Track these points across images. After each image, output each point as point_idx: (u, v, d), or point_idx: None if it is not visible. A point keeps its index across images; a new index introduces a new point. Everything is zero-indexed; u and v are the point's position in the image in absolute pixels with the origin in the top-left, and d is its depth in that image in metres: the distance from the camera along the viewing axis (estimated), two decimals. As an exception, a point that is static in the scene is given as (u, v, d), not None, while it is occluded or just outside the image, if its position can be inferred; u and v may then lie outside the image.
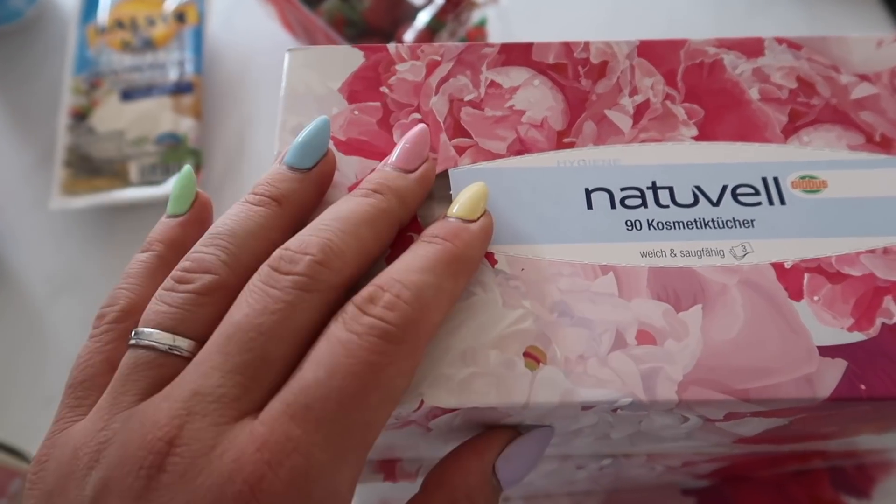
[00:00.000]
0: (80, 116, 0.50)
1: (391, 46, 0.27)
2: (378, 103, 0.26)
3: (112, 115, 0.50)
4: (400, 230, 0.22)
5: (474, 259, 0.21)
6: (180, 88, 0.51)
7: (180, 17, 0.54)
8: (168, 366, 0.18)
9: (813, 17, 0.58)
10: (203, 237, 0.20)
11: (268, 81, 0.55)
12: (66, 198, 0.47)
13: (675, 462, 0.29)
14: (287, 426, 0.17)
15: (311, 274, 0.18)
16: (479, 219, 0.21)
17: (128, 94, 0.51)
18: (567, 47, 0.27)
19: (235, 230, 0.20)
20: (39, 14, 0.57)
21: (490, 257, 0.23)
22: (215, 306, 0.19)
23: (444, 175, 0.24)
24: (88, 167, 0.48)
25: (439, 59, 0.26)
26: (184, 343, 0.19)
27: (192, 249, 0.20)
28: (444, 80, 0.26)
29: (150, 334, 0.19)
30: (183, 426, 0.17)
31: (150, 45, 0.53)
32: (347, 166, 0.24)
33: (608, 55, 0.27)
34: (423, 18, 0.47)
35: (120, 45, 0.53)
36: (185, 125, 0.50)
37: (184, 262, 0.20)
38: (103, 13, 0.54)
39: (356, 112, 0.25)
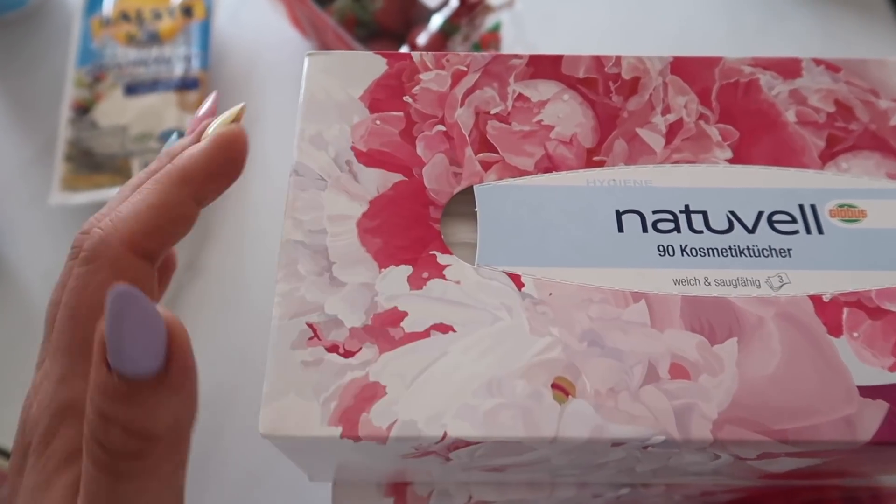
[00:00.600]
0: (83, 110, 0.49)
1: (415, 54, 0.26)
2: (401, 113, 0.25)
3: (115, 110, 0.49)
4: None
5: (195, 171, 0.23)
6: (186, 84, 0.50)
7: (187, 10, 0.53)
8: None
9: (826, 33, 0.57)
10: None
11: (275, 78, 0.54)
12: (66, 193, 0.46)
13: (694, 491, 0.28)
14: (45, 362, 0.21)
15: (76, 248, 0.22)
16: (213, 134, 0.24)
17: (132, 89, 0.50)
18: (598, 61, 0.26)
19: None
20: (43, 2, 0.56)
21: (517, 280, 0.22)
22: None
23: (469, 191, 0.23)
24: (90, 162, 0.47)
25: (465, 69, 0.26)
26: None
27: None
28: (470, 92, 0.25)
29: None
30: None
31: (155, 38, 0.52)
32: (369, 179, 0.23)
33: (640, 71, 0.26)
34: (436, 21, 0.46)
35: (125, 38, 0.52)
36: (189, 121, 0.49)
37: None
38: (108, 5, 0.53)
39: (378, 122, 0.24)
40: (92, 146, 0.48)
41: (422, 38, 0.46)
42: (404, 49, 0.46)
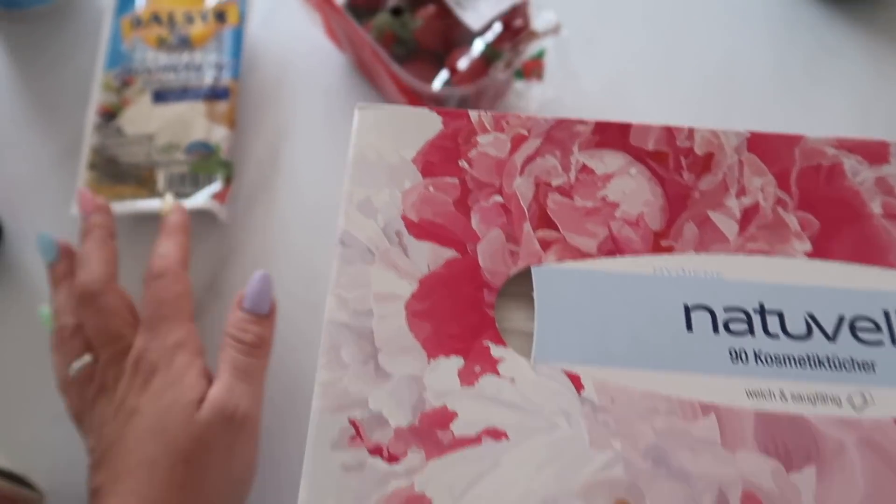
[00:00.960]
0: (109, 116, 0.47)
1: (473, 114, 0.24)
2: (456, 180, 0.23)
3: (142, 118, 0.47)
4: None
5: (181, 223, 0.41)
6: (216, 94, 0.48)
7: (220, 16, 0.51)
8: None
9: (879, 73, 0.55)
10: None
11: (306, 89, 0.52)
12: (87, 204, 0.44)
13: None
14: (144, 334, 0.36)
15: (150, 273, 0.39)
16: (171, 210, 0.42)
17: (160, 96, 0.48)
18: (669, 133, 0.24)
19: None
20: (72, -4, 0.54)
21: (576, 381, 0.20)
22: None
23: (527, 273, 0.22)
24: (113, 171, 0.46)
25: (526, 133, 0.24)
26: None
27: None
28: (530, 159, 0.23)
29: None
30: (105, 371, 0.36)
31: (186, 43, 0.50)
32: (419, 253, 0.22)
33: (714, 146, 0.24)
34: (478, 46, 0.44)
35: (156, 41, 0.50)
36: (218, 134, 0.47)
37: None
38: (140, 5, 0.51)
39: (431, 188, 0.23)
40: (117, 154, 0.46)
41: (462, 63, 0.44)
42: (443, 73, 0.44)
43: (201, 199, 0.45)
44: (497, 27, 0.44)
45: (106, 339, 0.36)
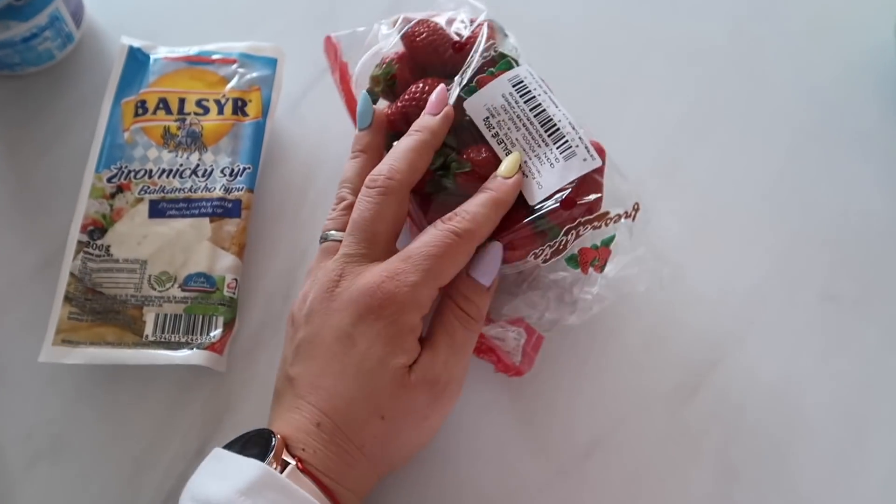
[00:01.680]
0: (97, 231, 0.40)
1: None
2: None
3: (135, 237, 0.39)
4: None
5: (508, 201, 0.34)
6: (225, 210, 0.40)
7: (240, 107, 0.43)
8: (334, 246, 0.35)
9: None
10: (340, 184, 0.37)
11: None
12: (59, 348, 0.37)
13: None
14: (397, 263, 0.33)
15: (384, 185, 0.34)
16: (513, 177, 0.34)
17: (159, 209, 0.40)
18: None
19: (351, 176, 0.37)
20: (74, 56, 0.46)
21: None
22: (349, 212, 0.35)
23: None
24: (95, 306, 0.38)
25: None
26: (337, 235, 0.35)
27: (337, 195, 0.37)
28: None
29: (328, 234, 0.36)
30: (342, 269, 0.33)
31: (196, 140, 0.42)
32: None
33: None
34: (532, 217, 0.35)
35: (161, 135, 0.42)
36: (224, 264, 0.39)
37: (337, 195, 0.37)
38: (146, 81, 0.43)
39: None
40: (101, 283, 0.39)
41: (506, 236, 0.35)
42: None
43: (194, 356, 0.37)
44: (553, 201, 0.34)
45: (355, 235, 0.34)
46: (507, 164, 0.35)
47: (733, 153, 0.46)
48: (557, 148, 0.35)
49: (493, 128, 0.36)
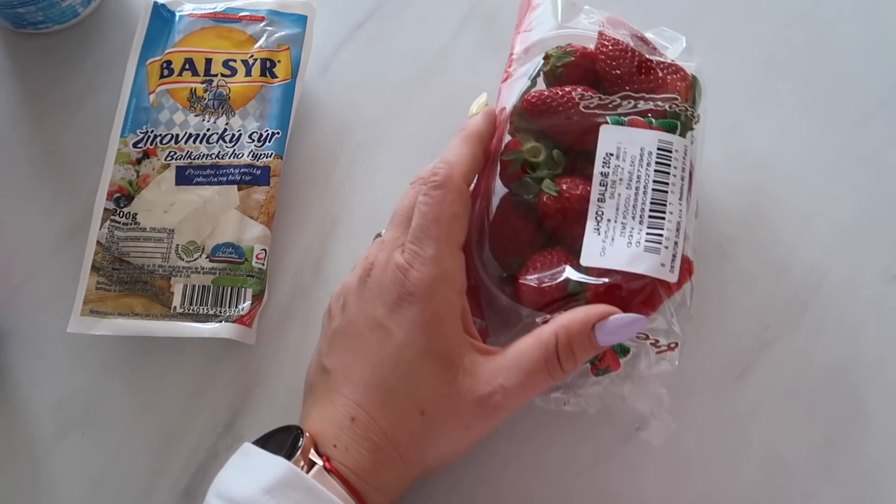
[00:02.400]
0: (123, 198, 0.38)
1: None
2: None
3: (161, 204, 0.38)
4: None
5: (482, 132, 0.34)
6: (253, 177, 0.39)
7: (269, 68, 0.41)
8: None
9: None
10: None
11: (363, 171, 0.41)
12: (87, 318, 0.36)
13: None
14: (410, 245, 0.31)
15: (430, 179, 0.32)
16: (479, 112, 0.35)
17: (186, 176, 0.39)
18: None
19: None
20: (98, 13, 0.45)
21: None
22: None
23: None
24: (122, 276, 0.37)
25: None
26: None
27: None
28: None
29: None
30: (376, 257, 0.32)
31: (224, 104, 0.40)
32: None
33: None
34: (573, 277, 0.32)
35: (187, 98, 0.40)
36: (252, 234, 0.38)
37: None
38: (172, 41, 0.41)
39: None
40: (128, 252, 0.38)
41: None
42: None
43: (223, 329, 0.36)
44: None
45: (393, 223, 0.33)
46: (474, 105, 0.35)
47: (795, 119, 0.42)
48: (647, 234, 0.31)
49: (608, 168, 0.32)
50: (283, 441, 0.29)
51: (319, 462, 0.29)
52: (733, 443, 0.37)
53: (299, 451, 0.29)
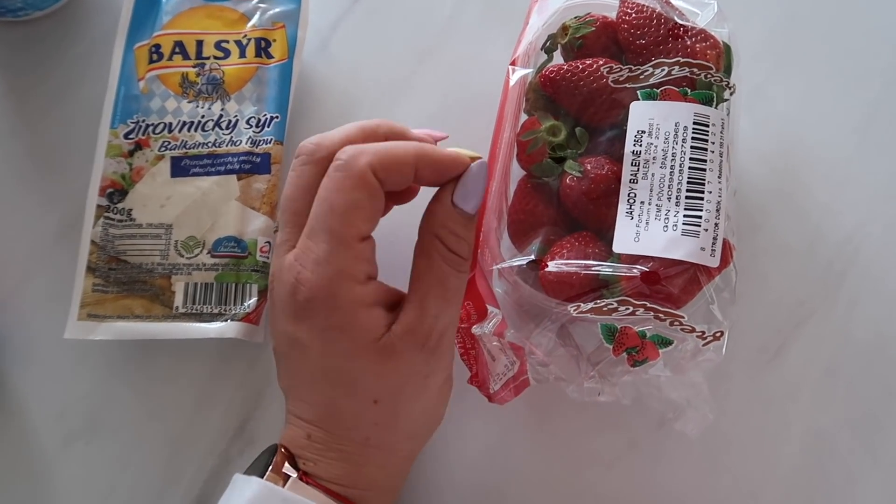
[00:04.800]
0: (117, 194, 0.36)
1: None
2: None
3: (157, 198, 0.36)
4: None
5: (427, 152, 0.29)
6: (253, 166, 0.36)
7: (263, 48, 0.38)
8: None
9: None
10: None
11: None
12: (85, 323, 0.35)
13: None
14: (303, 240, 0.28)
15: (335, 159, 0.28)
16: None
17: (182, 167, 0.36)
18: None
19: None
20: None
21: None
22: None
23: None
24: (120, 276, 0.35)
25: None
26: None
27: None
28: None
29: None
30: (274, 265, 0.29)
31: (218, 88, 0.38)
32: None
33: None
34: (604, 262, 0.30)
35: (178, 84, 0.38)
36: (255, 226, 0.36)
37: None
38: (159, 25, 0.39)
39: None
40: (125, 251, 0.36)
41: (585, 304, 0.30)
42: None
43: (229, 328, 0.34)
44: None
45: (281, 219, 0.30)
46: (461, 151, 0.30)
47: (821, 80, 0.40)
48: (685, 216, 0.29)
49: (640, 146, 0.30)
50: (260, 461, 0.28)
51: (294, 474, 0.27)
52: (772, 426, 0.35)
53: (271, 468, 0.28)
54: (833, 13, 0.41)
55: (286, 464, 0.28)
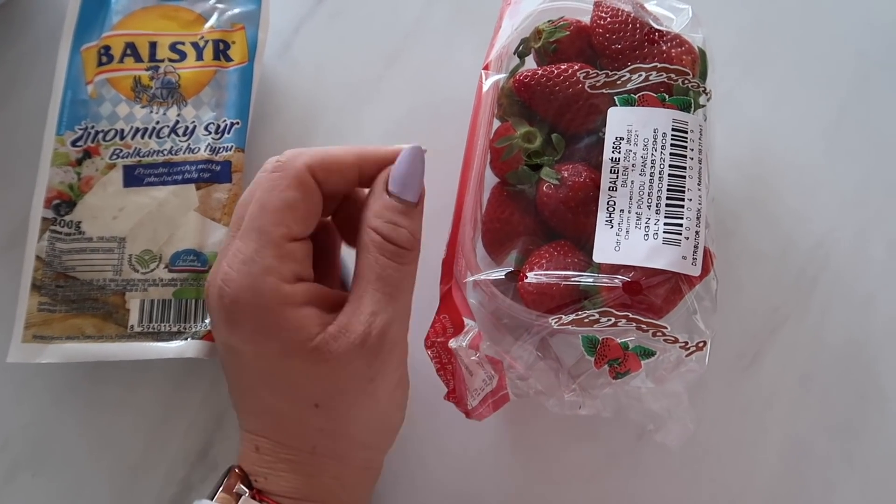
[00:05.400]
0: (64, 205, 0.34)
1: None
2: None
3: (109, 210, 0.34)
4: None
5: (372, 153, 0.29)
6: (213, 174, 0.34)
7: (221, 50, 0.36)
8: None
9: None
10: None
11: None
12: (30, 345, 0.32)
13: None
14: (236, 242, 0.27)
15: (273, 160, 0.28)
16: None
17: (135, 176, 0.34)
18: None
19: None
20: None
21: None
22: None
23: None
24: (69, 294, 0.33)
25: None
26: None
27: None
28: None
29: None
30: (213, 270, 0.28)
31: (173, 92, 0.35)
32: None
33: None
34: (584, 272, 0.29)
35: (131, 87, 0.35)
36: (216, 238, 0.34)
37: None
38: (108, 25, 0.36)
39: None
40: (73, 267, 0.33)
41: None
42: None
43: (188, 347, 0.32)
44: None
45: (231, 225, 0.29)
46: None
47: (790, 85, 0.40)
48: (665, 224, 0.28)
49: (619, 153, 0.29)
50: (219, 485, 0.27)
51: (246, 493, 0.26)
52: (749, 434, 0.35)
53: (222, 489, 0.27)
54: (800, 19, 0.41)
55: (238, 483, 0.27)
